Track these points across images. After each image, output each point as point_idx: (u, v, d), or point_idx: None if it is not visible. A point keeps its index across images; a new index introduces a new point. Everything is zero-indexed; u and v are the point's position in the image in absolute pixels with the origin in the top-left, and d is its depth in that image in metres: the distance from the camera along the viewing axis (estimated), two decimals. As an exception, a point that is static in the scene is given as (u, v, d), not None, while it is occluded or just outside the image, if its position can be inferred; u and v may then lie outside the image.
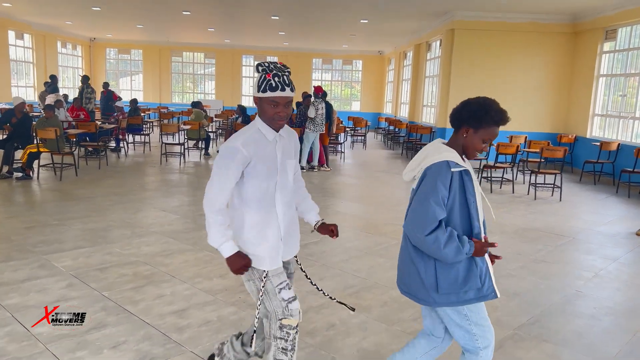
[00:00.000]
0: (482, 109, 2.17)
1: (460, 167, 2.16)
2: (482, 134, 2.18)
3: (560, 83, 12.49)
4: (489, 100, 2.21)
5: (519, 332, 3.55)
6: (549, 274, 4.84)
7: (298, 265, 2.67)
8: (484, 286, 2.22)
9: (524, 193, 8.83)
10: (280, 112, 2.26)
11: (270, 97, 2.23)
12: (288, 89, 2.24)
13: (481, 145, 2.20)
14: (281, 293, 2.39)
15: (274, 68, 2.25)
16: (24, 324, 3.36)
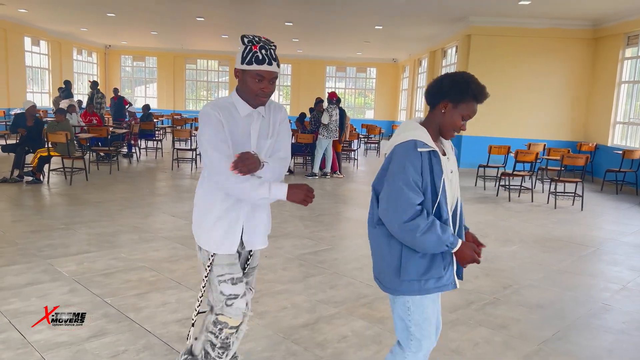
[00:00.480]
0: (464, 81, 2.00)
1: (428, 147, 1.97)
2: (462, 109, 2.01)
3: (580, 90, 12.19)
4: (468, 74, 2.05)
5: (545, 348, 3.32)
6: (573, 285, 4.59)
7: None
8: (444, 275, 2.05)
9: (543, 202, 8.55)
10: (265, 87, 2.09)
11: (255, 71, 2.06)
12: (275, 63, 2.09)
13: (460, 122, 2.03)
14: (221, 286, 2.23)
15: (260, 40, 2.08)
16: (20, 331, 3.21)
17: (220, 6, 12.56)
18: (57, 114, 8.60)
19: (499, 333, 3.49)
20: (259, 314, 3.63)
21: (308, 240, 5.64)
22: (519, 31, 11.96)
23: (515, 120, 12.19)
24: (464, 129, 2.06)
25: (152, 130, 13.01)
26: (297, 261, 4.91)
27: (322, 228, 6.30)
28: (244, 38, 2.10)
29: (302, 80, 23.37)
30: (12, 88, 15.98)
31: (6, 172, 8.63)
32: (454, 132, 2.06)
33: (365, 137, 16.59)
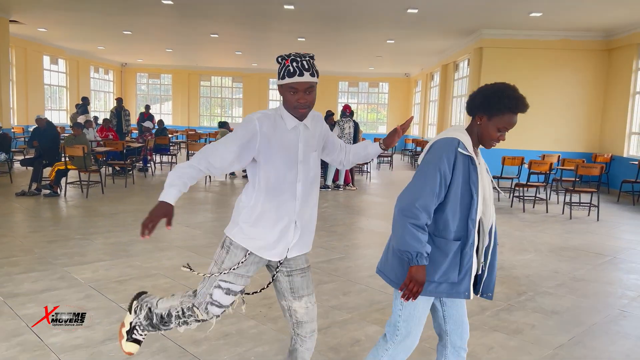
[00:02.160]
0: (496, 95, 2.02)
1: (467, 152, 2.00)
2: (496, 122, 2.02)
3: (594, 101, 12.13)
4: (505, 85, 2.05)
5: (560, 352, 3.28)
6: (589, 292, 4.53)
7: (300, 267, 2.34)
8: (460, 283, 2.06)
9: (558, 212, 8.47)
10: (301, 98, 2.10)
11: (289, 84, 2.09)
12: (307, 73, 2.08)
13: (496, 134, 2.03)
14: (214, 290, 2.24)
15: (292, 55, 2.12)
16: (38, 334, 3.25)
17: (234, 23, 12.78)
18: (75, 128, 8.77)
19: (513, 338, 3.46)
20: (272, 319, 3.64)
21: (321, 250, 5.65)
22: (531, 43, 11.98)
23: (529, 132, 12.12)
24: (502, 139, 2.07)
25: (167, 145, 13.18)
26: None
27: (335, 238, 6.30)
28: (278, 58, 2.15)
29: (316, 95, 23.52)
30: (30, 105, 16.32)
31: (25, 186, 8.79)
32: (492, 142, 2.08)
33: (378, 150, 16.57)
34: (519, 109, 2.02)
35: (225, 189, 10.54)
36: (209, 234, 6.27)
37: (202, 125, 24.13)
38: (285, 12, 10.91)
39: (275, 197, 2.17)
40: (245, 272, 2.26)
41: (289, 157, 2.16)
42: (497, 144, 2.08)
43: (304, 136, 2.20)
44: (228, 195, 9.80)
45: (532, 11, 9.98)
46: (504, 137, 2.05)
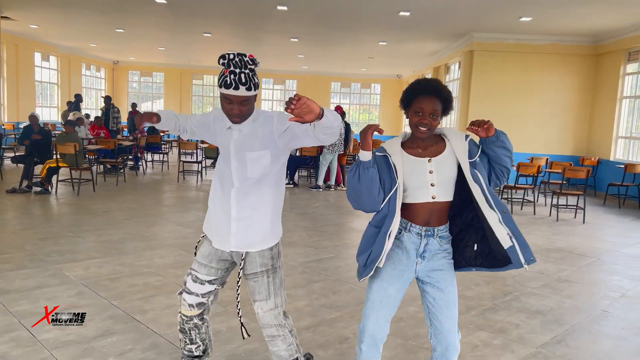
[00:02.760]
0: (404, 91, 2.27)
1: (383, 152, 2.26)
2: (411, 110, 2.21)
3: (582, 105, 12.30)
4: (416, 79, 2.30)
5: (543, 351, 3.37)
6: (573, 293, 4.64)
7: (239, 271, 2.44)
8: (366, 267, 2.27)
9: (545, 214, 8.60)
10: (234, 109, 2.21)
11: (224, 94, 2.19)
12: (243, 87, 2.15)
13: (414, 118, 2.19)
14: (187, 277, 2.46)
15: (231, 64, 2.16)
16: (30, 330, 3.29)
17: (227, 22, 12.80)
18: (66, 126, 8.77)
19: (498, 337, 3.55)
20: (262, 316, 3.69)
21: (311, 249, 5.72)
22: (521, 47, 12.12)
23: (517, 134, 12.26)
24: (424, 122, 2.17)
25: (158, 144, 13.18)
26: (301, 268, 4.99)
27: (326, 237, 6.38)
28: (220, 59, 2.19)
29: (308, 95, 23.39)
30: (21, 102, 16.23)
31: (15, 183, 8.78)
32: (416, 128, 2.20)
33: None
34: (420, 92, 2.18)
35: (217, 188, 10.57)
36: (200, 233, 6.26)
37: (194, 124, 24.09)
38: (279, 12, 10.96)
39: (219, 187, 2.40)
40: (207, 261, 2.42)
41: (225, 154, 2.36)
42: (424, 128, 2.17)
43: (238, 137, 2.32)
44: (219, 194, 9.84)
45: (522, 16, 10.11)
46: (425, 119, 2.16)
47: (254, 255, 2.39)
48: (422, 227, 2.25)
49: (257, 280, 2.39)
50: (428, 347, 3.33)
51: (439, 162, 2.23)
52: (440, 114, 2.18)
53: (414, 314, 3.86)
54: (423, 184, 2.22)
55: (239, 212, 2.33)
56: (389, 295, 2.29)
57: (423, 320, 3.70)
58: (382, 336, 2.32)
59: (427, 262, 2.27)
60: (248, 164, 2.30)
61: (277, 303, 2.42)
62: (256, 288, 2.40)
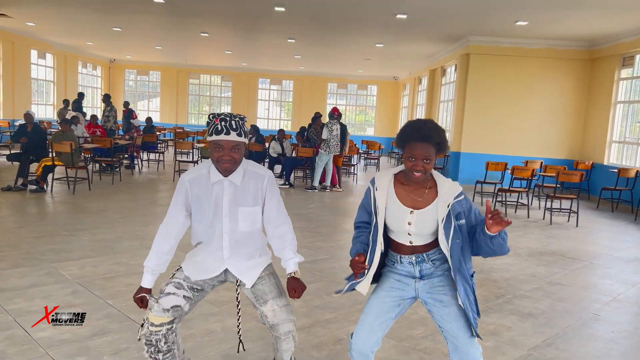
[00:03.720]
0: (398, 134, 2.26)
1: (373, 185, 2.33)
2: (405, 154, 2.21)
3: (577, 109, 12.38)
4: (409, 121, 2.28)
5: (534, 353, 3.41)
6: (564, 296, 4.69)
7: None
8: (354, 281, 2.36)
9: (539, 218, 8.66)
10: (224, 155, 2.27)
11: (214, 140, 2.26)
12: (234, 133, 2.25)
13: (408, 163, 2.20)
14: (167, 286, 2.43)
15: (222, 115, 2.29)
16: (25, 329, 3.31)
17: (224, 22, 12.82)
18: (62, 124, 8.76)
19: (490, 339, 3.59)
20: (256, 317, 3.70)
21: (306, 250, 5.75)
22: (517, 51, 12.20)
23: (512, 138, 12.36)
24: (417, 168, 2.17)
25: (154, 143, 13.18)
26: (295, 269, 5.01)
27: (320, 239, 6.41)
28: (210, 115, 2.32)
29: (304, 96, 23.64)
30: (17, 100, 16.19)
31: (10, 181, 8.77)
32: (411, 173, 2.20)
33: (366, 152, 16.76)
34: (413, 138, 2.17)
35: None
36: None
37: (190, 123, 24.09)
38: (276, 13, 10.99)
39: (205, 247, 2.46)
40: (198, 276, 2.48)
41: (215, 210, 2.38)
42: (419, 173, 2.18)
43: (228, 190, 2.37)
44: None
45: (518, 20, 10.17)
46: (419, 166, 2.16)
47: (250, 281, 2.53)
48: (410, 256, 2.31)
49: (265, 282, 2.48)
50: (421, 348, 3.37)
51: (420, 216, 2.24)
52: (434, 157, 2.19)
53: (407, 316, 3.90)
54: (401, 229, 2.28)
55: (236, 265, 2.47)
56: (386, 305, 2.31)
57: (416, 322, 3.76)
58: (372, 345, 2.32)
59: (426, 281, 2.31)
60: (240, 220, 2.39)
61: (288, 300, 2.48)
62: (266, 288, 2.46)
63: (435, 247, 2.28)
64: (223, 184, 2.35)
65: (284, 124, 23.94)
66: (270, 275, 2.52)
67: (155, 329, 2.33)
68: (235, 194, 2.36)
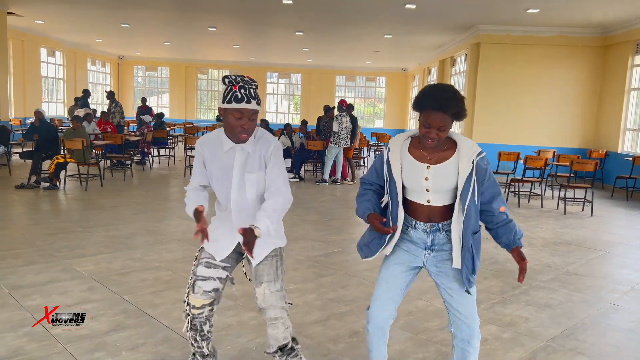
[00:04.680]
0: (416, 96, 2.18)
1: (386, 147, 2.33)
2: (421, 120, 2.17)
3: (590, 97, 12.23)
4: (428, 86, 2.19)
5: (552, 344, 3.38)
6: (581, 286, 4.64)
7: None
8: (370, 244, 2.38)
9: (553, 207, 8.58)
10: (245, 124, 2.23)
11: (235, 108, 2.20)
12: (254, 101, 2.22)
13: (422, 129, 2.16)
14: (197, 267, 2.47)
15: (240, 80, 2.23)
16: (43, 325, 3.33)
17: (232, 16, 12.79)
18: (74, 122, 8.80)
19: (507, 330, 3.56)
20: (272, 310, 3.71)
21: (319, 243, 5.74)
22: (528, 39, 12.05)
23: (524, 127, 12.24)
24: (431, 136, 2.14)
25: (164, 139, 13.22)
26: (308, 262, 5.01)
27: (333, 232, 6.39)
28: (225, 79, 2.24)
29: (312, 89, 23.58)
30: (28, 98, 16.31)
31: (24, 178, 8.83)
32: (425, 139, 2.17)
33: (375, 145, 16.69)
34: (429, 106, 2.11)
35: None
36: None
37: (198, 118, 24.14)
38: (284, 6, 10.94)
39: (220, 210, 2.49)
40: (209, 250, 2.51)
41: (225, 177, 2.37)
42: (432, 141, 2.16)
43: (239, 158, 2.34)
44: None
45: (529, 7, 10.04)
46: (432, 134, 2.13)
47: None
48: (426, 223, 2.28)
49: (266, 262, 2.45)
50: (437, 340, 3.35)
51: (437, 170, 2.22)
52: (449, 126, 2.15)
53: (423, 308, 3.88)
54: (419, 187, 2.25)
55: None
56: (396, 274, 2.36)
57: (432, 314, 3.74)
58: (387, 317, 2.38)
59: (435, 253, 2.31)
60: (247, 186, 2.37)
61: (282, 287, 2.48)
62: (265, 270, 2.44)
63: (451, 218, 2.26)
64: (235, 151, 2.33)
65: (292, 117, 23.92)
66: (275, 257, 2.47)
67: (197, 312, 2.43)
68: (247, 161, 2.34)
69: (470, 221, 2.21)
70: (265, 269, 2.45)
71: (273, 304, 2.42)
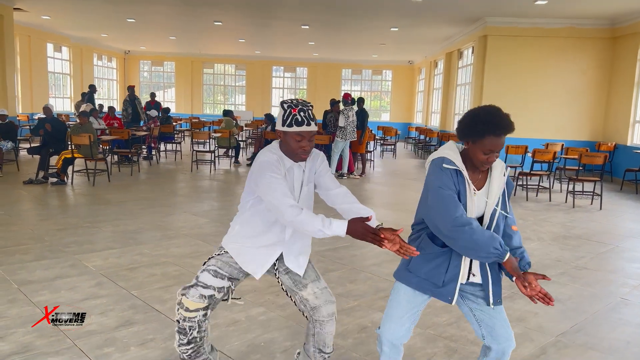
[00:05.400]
0: (472, 122, 2.08)
1: (454, 166, 2.10)
2: (480, 146, 2.06)
3: (598, 89, 12.11)
4: (481, 109, 2.10)
5: (563, 339, 3.35)
6: (591, 281, 4.60)
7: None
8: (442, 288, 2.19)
9: (561, 201, 8.52)
10: (305, 146, 2.26)
11: (296, 132, 2.24)
12: (313, 123, 2.26)
13: (482, 156, 2.08)
14: (202, 273, 2.38)
15: (298, 104, 2.26)
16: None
17: (238, 10, 12.75)
18: (81, 117, 8.82)
19: (517, 325, 3.53)
20: (280, 306, 3.72)
21: (327, 238, 5.72)
22: (536, 31, 11.94)
23: (532, 120, 12.15)
24: (491, 160, 2.08)
25: (171, 133, 13.23)
26: (317, 257, 5.00)
27: (340, 226, 6.37)
28: (283, 104, 2.27)
29: (318, 83, 23.51)
30: (35, 93, 16.36)
31: (32, 174, 8.87)
32: (482, 165, 2.11)
33: (382, 139, 16.64)
34: (495, 132, 2.03)
35: (230, 177, 10.61)
36: (215, 222, 6.35)
37: (205, 112, 24.15)
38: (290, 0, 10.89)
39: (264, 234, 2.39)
40: (234, 262, 2.42)
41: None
42: (489, 165, 2.11)
43: (299, 176, 2.37)
44: (233, 183, 9.87)
45: (537, -1, 9.94)
46: (493, 158, 2.08)
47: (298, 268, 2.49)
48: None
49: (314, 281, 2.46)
50: (446, 335, 3.33)
51: (479, 197, 2.17)
52: None
53: (432, 303, 3.83)
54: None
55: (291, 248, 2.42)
56: (416, 295, 2.28)
57: (441, 309, 3.72)
58: (403, 338, 2.32)
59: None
60: (302, 198, 2.39)
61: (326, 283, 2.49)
62: (304, 274, 2.44)
63: None
64: (294, 169, 2.35)
65: (298, 111, 23.83)
66: (309, 262, 2.52)
67: (189, 315, 2.33)
68: (303, 177, 2.39)
69: (498, 232, 2.16)
70: (304, 273, 2.46)
71: (328, 299, 2.42)
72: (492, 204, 2.15)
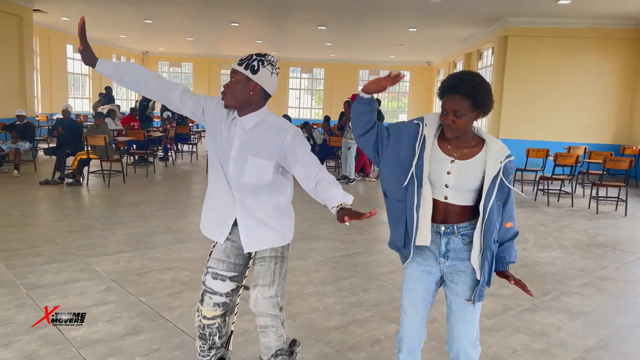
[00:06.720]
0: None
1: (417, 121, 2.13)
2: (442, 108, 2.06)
3: (623, 91, 11.77)
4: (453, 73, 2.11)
5: (587, 357, 3.18)
6: (616, 292, 4.40)
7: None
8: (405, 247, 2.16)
9: (584, 207, 8.26)
10: (226, 84, 2.23)
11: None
12: (237, 62, 2.20)
13: (442, 116, 2.05)
14: (206, 277, 2.37)
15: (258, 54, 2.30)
16: (59, 327, 3.28)
17: (255, 11, 12.69)
18: (96, 118, 8.83)
19: (538, 340, 3.37)
20: (291, 315, 3.60)
21: (340, 243, 5.60)
22: (558, 31, 11.65)
23: (554, 123, 11.86)
24: (446, 121, 2.02)
25: (187, 134, 13.23)
26: (329, 264, 4.88)
27: (354, 231, 6.24)
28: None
29: (335, 84, 23.38)
30: (54, 94, 16.53)
31: (48, 174, 8.91)
32: (444, 128, 2.06)
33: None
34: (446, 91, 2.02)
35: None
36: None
37: (222, 113, 24.18)
38: (306, 0, 10.79)
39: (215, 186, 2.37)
40: (225, 256, 2.36)
41: (223, 149, 2.25)
42: (448, 129, 2.03)
43: (240, 132, 2.23)
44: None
45: (560, -1, 9.69)
46: (447, 119, 2.01)
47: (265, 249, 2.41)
48: (439, 225, 2.11)
49: (264, 264, 2.35)
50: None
51: (461, 166, 2.07)
52: (467, 113, 1.99)
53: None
54: (438, 181, 2.09)
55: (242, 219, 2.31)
56: (418, 297, 2.21)
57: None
58: (419, 343, 2.26)
59: (451, 262, 2.15)
60: (247, 168, 2.22)
61: (278, 292, 2.35)
62: (261, 272, 2.34)
63: (468, 221, 2.11)
64: (237, 124, 2.25)
65: (315, 112, 23.78)
66: (274, 259, 2.35)
67: (208, 322, 2.39)
68: (249, 140, 2.22)
69: (491, 225, 2.05)
70: (262, 271, 2.34)
71: (263, 312, 2.32)
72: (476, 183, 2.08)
